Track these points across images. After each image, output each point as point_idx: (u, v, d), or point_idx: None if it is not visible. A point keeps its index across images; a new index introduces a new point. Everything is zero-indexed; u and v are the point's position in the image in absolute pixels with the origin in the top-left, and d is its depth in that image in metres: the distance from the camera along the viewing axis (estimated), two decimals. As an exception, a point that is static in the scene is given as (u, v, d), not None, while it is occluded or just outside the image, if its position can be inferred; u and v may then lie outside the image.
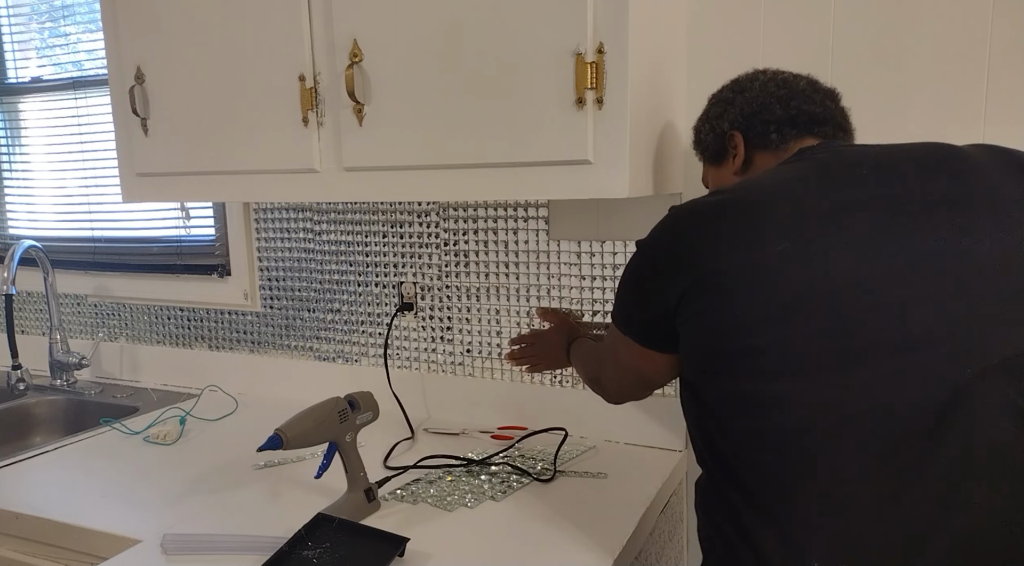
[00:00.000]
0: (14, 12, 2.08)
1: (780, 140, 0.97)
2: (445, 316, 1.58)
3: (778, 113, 0.97)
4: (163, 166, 1.42)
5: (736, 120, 1.01)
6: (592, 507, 1.15)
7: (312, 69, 1.23)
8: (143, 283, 1.95)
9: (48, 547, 1.20)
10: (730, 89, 1.05)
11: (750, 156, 1.00)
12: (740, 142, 1.01)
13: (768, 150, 0.98)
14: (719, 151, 1.05)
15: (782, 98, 0.98)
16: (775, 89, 0.99)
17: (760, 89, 1.00)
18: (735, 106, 1.02)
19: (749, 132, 1.00)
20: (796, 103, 0.97)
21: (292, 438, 1.04)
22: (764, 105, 0.99)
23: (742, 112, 1.00)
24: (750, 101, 1.00)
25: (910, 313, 0.73)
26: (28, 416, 1.86)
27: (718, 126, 1.04)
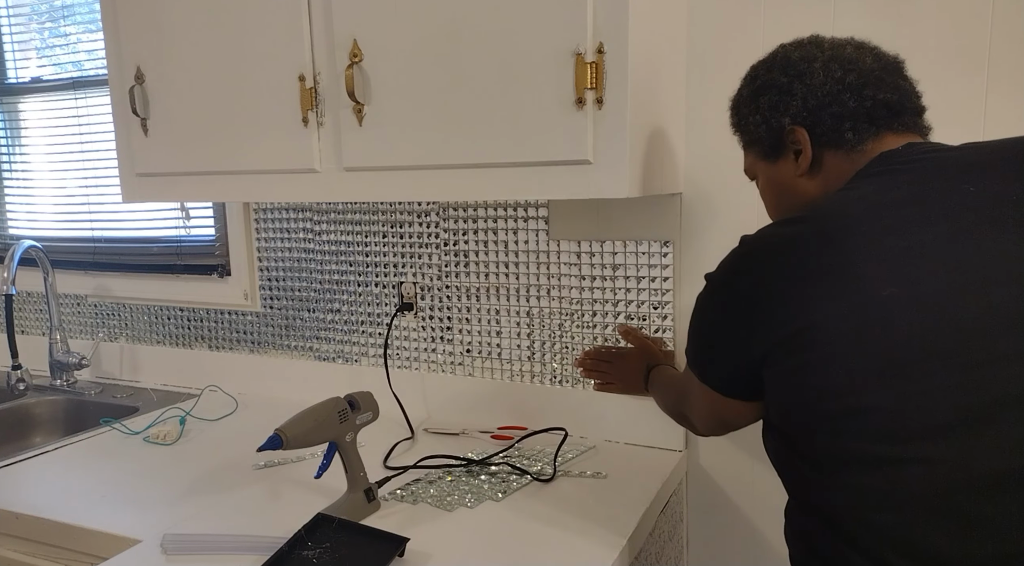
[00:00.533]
0: (14, 12, 2.08)
1: (856, 139, 0.83)
2: (445, 316, 1.58)
3: (851, 106, 0.83)
4: (163, 166, 1.42)
5: (799, 114, 0.86)
6: (592, 507, 1.15)
7: (312, 69, 1.23)
8: (143, 283, 1.95)
9: (48, 547, 1.20)
10: (781, 70, 0.88)
11: (819, 155, 0.86)
12: (806, 141, 0.86)
13: (841, 150, 0.84)
14: (775, 146, 0.90)
15: (853, 86, 0.83)
16: (841, 73, 0.84)
17: (824, 73, 0.84)
18: (795, 96, 0.86)
19: (817, 128, 0.85)
20: (871, 91, 0.83)
21: (292, 438, 1.04)
22: (833, 96, 0.84)
23: (806, 104, 0.85)
24: (814, 90, 0.85)
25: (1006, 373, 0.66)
26: (28, 416, 1.86)
27: (774, 119, 0.88)
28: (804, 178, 0.88)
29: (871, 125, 0.83)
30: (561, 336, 1.47)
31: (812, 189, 0.87)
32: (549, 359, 1.49)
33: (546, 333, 1.49)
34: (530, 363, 1.51)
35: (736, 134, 0.97)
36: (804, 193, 0.88)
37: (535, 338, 1.50)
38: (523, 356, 1.52)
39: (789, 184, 0.89)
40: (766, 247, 0.77)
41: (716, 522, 1.41)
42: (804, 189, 0.88)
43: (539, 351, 1.50)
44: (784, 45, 0.91)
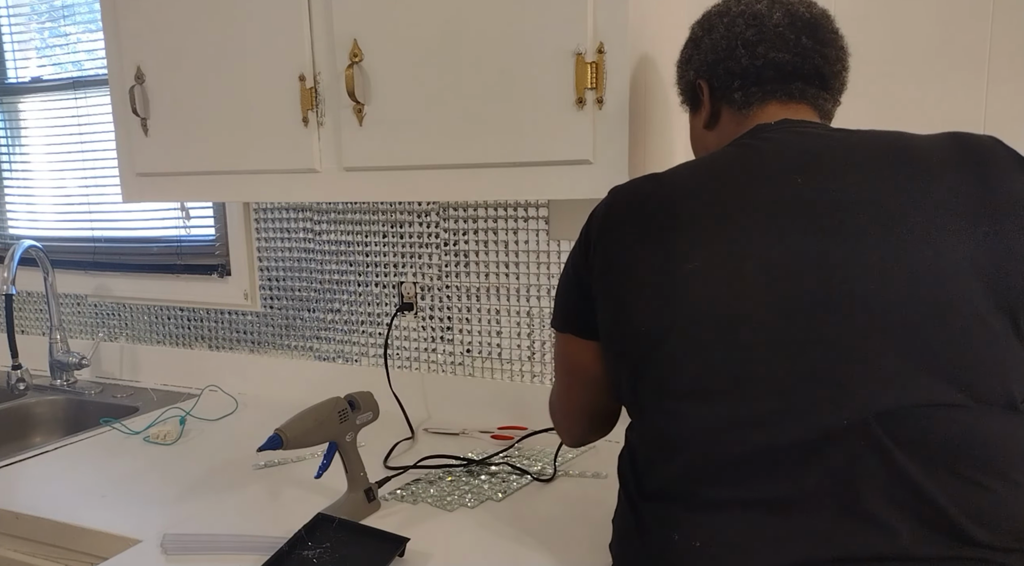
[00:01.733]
0: (14, 12, 2.08)
1: (744, 101, 0.86)
2: (445, 316, 1.58)
3: (743, 62, 0.85)
4: (163, 166, 1.42)
5: (701, 67, 0.90)
6: (592, 507, 1.15)
7: (312, 69, 1.23)
8: (143, 283, 1.95)
9: (48, 547, 1.20)
10: (700, 24, 0.92)
11: (716, 109, 0.90)
12: (706, 94, 0.90)
13: (732, 108, 0.88)
14: (692, 99, 0.95)
15: (748, 42, 0.85)
16: (743, 28, 0.85)
17: (726, 28, 0.87)
18: (701, 50, 0.90)
19: (714, 82, 0.89)
20: (764, 49, 0.84)
21: (292, 438, 1.04)
22: (729, 51, 0.86)
23: (706, 59, 0.89)
24: (715, 44, 0.88)
25: (801, 353, 0.69)
26: (28, 416, 1.86)
27: (687, 72, 0.93)
28: (706, 131, 0.92)
29: (759, 88, 0.85)
30: (561, 336, 1.47)
31: (711, 142, 0.91)
32: (549, 359, 1.49)
33: (546, 333, 1.49)
34: (530, 363, 1.51)
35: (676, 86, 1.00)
36: (706, 145, 0.92)
37: (535, 338, 1.50)
38: (523, 356, 1.52)
39: (698, 136, 0.95)
40: (616, 198, 0.82)
41: (716, 522, 1.41)
42: (706, 141, 0.92)
43: (539, 351, 1.50)
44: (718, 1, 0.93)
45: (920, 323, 0.68)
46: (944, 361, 0.68)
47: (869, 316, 0.69)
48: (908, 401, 0.67)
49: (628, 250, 0.78)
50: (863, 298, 0.69)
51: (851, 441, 0.67)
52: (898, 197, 0.71)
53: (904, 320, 0.68)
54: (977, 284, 0.68)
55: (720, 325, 0.72)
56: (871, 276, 0.69)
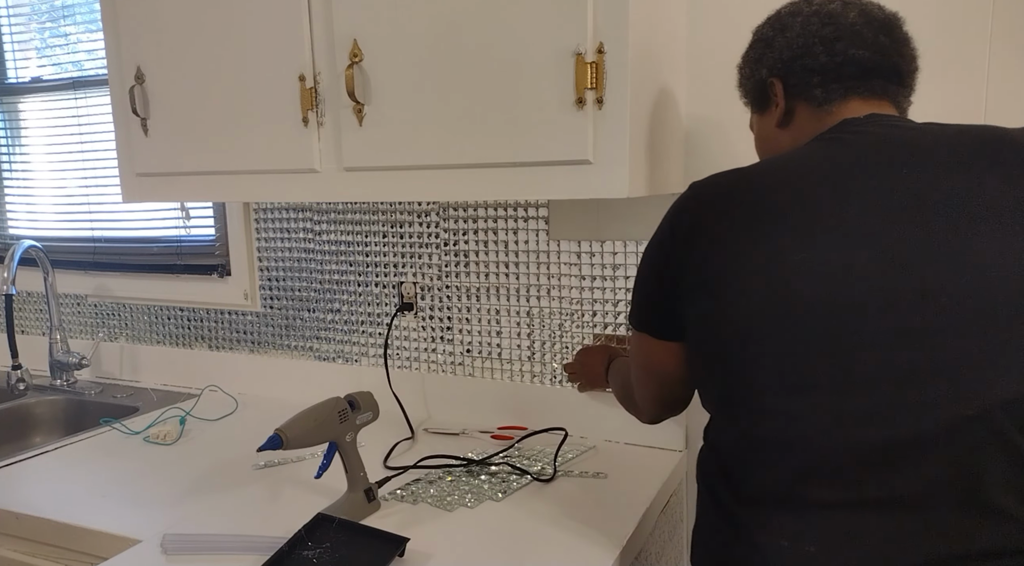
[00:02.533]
0: (14, 12, 2.08)
1: (824, 97, 0.86)
2: (445, 316, 1.58)
3: (822, 59, 0.85)
4: (163, 166, 1.42)
5: (775, 66, 0.90)
6: (592, 507, 1.15)
7: (312, 69, 1.23)
8: (143, 283, 1.95)
9: (48, 547, 1.20)
10: (770, 25, 0.92)
11: (791, 107, 0.89)
12: (780, 92, 0.90)
13: (811, 105, 0.87)
14: (761, 98, 0.94)
15: (826, 39, 0.85)
16: (818, 27, 0.86)
17: (802, 27, 0.87)
18: (774, 48, 0.90)
19: (789, 79, 0.88)
20: (843, 46, 0.84)
21: (292, 438, 1.04)
22: (805, 48, 0.86)
23: (781, 56, 0.89)
24: (790, 42, 0.88)
25: (917, 345, 0.69)
26: (28, 416, 1.86)
27: (757, 71, 0.93)
28: (779, 130, 0.91)
29: (839, 85, 0.85)
30: (561, 336, 1.47)
31: (785, 141, 0.90)
32: (549, 359, 1.49)
33: (546, 333, 1.49)
34: (530, 363, 1.51)
35: (740, 94, 1.00)
36: (779, 145, 0.91)
37: (535, 338, 1.50)
38: (523, 356, 1.52)
39: (769, 135, 0.94)
40: (701, 193, 0.81)
41: (716, 522, 1.41)
42: (779, 141, 0.91)
43: (539, 351, 1.50)
44: (786, 3, 0.93)
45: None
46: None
47: (982, 307, 0.68)
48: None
49: (726, 245, 0.76)
50: (976, 289, 0.69)
51: (974, 432, 0.67)
52: (1004, 191, 0.71)
53: (1017, 310, 0.68)
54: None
55: (830, 317, 0.70)
56: (983, 267, 0.69)
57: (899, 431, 0.69)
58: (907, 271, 0.70)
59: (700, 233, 0.79)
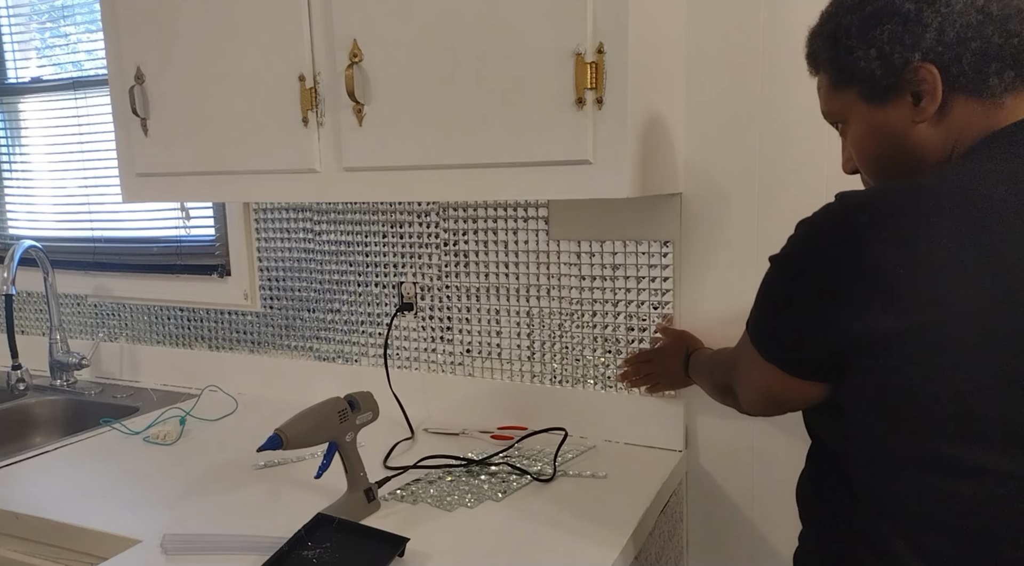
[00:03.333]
0: (14, 12, 2.08)
1: (1000, 88, 0.70)
2: (445, 316, 1.58)
3: (996, 42, 0.69)
4: (163, 166, 1.42)
5: (932, 49, 0.71)
6: (592, 507, 1.15)
7: (312, 69, 1.23)
8: (143, 283, 1.95)
9: (48, 547, 1.20)
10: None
11: (947, 100, 0.72)
12: (937, 81, 0.72)
13: (978, 98, 0.71)
14: (888, 87, 0.75)
15: (997, 18, 0.69)
16: (983, 1, 0.70)
17: (963, 3, 0.70)
18: (928, 27, 0.71)
19: (953, 67, 0.71)
20: (1016, 26, 0.69)
21: (292, 438, 1.04)
22: (976, 28, 0.69)
23: (941, 37, 0.70)
24: (952, 20, 0.70)
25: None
26: (28, 416, 1.86)
27: (897, 54, 0.73)
28: (925, 125, 0.74)
29: (1016, 73, 0.70)
30: (561, 336, 1.47)
31: (932, 140, 0.74)
32: (549, 359, 1.49)
33: (546, 333, 1.49)
34: (530, 363, 1.51)
35: (821, 71, 0.83)
36: (921, 144, 0.75)
37: (535, 338, 1.50)
38: (523, 356, 1.52)
39: (901, 132, 0.76)
40: (888, 211, 0.64)
41: (716, 522, 1.41)
42: (921, 139, 0.75)
43: (539, 351, 1.50)
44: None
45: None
46: None
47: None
48: None
49: (941, 280, 0.62)
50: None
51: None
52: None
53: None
54: None
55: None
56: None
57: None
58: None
59: (906, 260, 0.63)
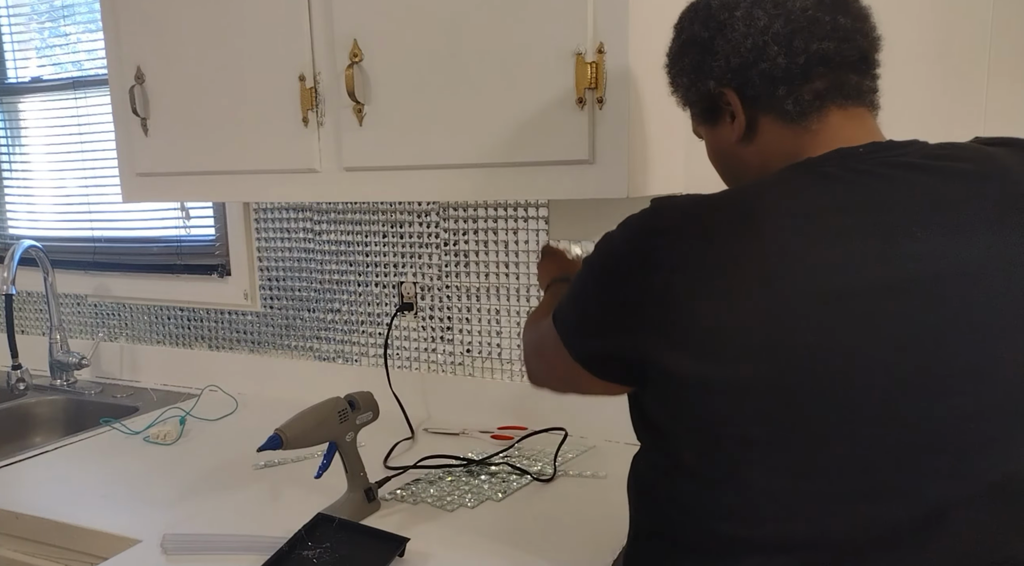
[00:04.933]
0: (14, 12, 2.08)
1: (798, 111, 0.72)
2: (445, 316, 1.58)
3: (781, 62, 0.71)
4: (163, 166, 1.42)
5: (723, 76, 0.75)
6: (592, 507, 1.15)
7: (312, 69, 1.23)
8: (143, 283, 1.95)
9: (48, 547, 1.19)
10: (703, 23, 0.76)
11: (753, 120, 0.75)
12: (737, 104, 0.76)
13: (781, 118, 0.74)
14: (710, 110, 0.79)
15: (780, 35, 0.71)
16: (766, 20, 0.71)
17: (746, 24, 0.72)
18: (716, 54, 0.74)
19: (747, 90, 0.74)
20: (802, 42, 0.71)
21: (292, 438, 1.04)
22: (758, 50, 0.72)
23: (729, 63, 0.74)
24: (736, 46, 0.73)
25: (928, 426, 0.63)
26: (28, 416, 1.86)
27: (700, 82, 0.78)
28: (741, 145, 0.78)
29: (811, 93, 0.72)
30: (561, 336, 1.47)
31: (751, 158, 0.78)
32: (549, 359, 1.49)
33: (546, 333, 1.49)
34: (530, 363, 1.51)
35: (673, 94, 0.86)
36: (743, 163, 0.79)
37: (535, 338, 1.50)
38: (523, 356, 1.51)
39: (730, 151, 0.80)
40: (675, 227, 0.67)
41: (716, 522, 1.41)
42: (745, 158, 0.79)
43: (539, 351, 1.50)
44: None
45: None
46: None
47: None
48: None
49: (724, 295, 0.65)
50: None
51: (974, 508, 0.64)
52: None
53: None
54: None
55: (832, 400, 0.63)
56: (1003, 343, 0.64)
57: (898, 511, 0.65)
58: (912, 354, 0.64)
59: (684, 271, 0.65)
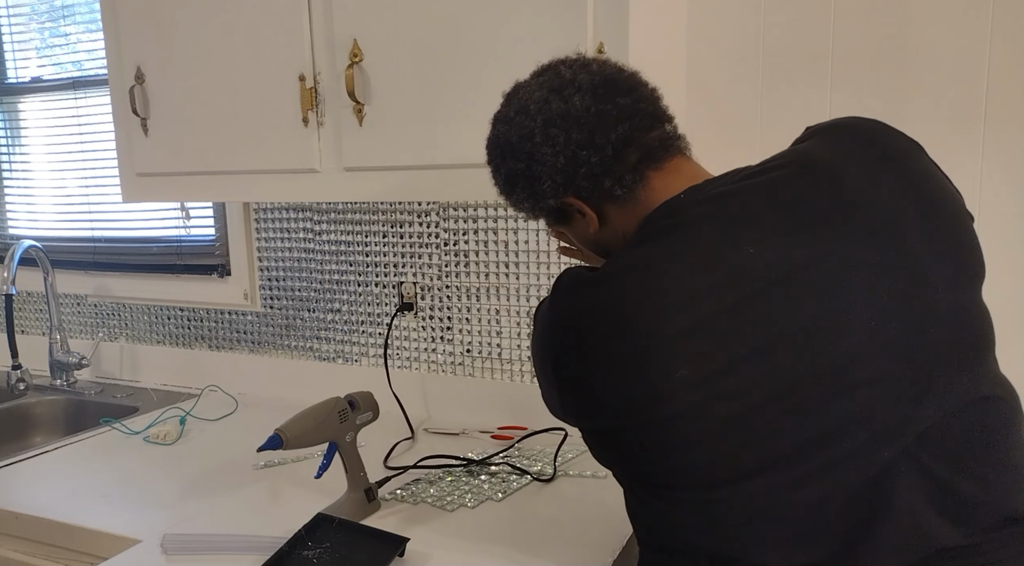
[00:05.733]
0: (14, 12, 2.08)
1: (626, 193, 0.80)
2: (445, 316, 1.58)
3: (595, 161, 0.79)
4: (163, 166, 1.42)
5: (556, 190, 0.82)
6: (592, 507, 1.15)
7: (312, 69, 1.23)
8: (143, 283, 1.95)
9: (48, 547, 1.20)
10: (514, 157, 0.83)
11: (601, 210, 0.83)
12: (582, 204, 0.83)
13: (617, 203, 0.82)
14: (561, 217, 0.87)
15: (582, 142, 0.78)
16: (564, 135, 0.79)
17: (550, 146, 0.79)
18: (541, 180, 0.81)
19: (582, 193, 0.82)
20: (601, 136, 0.78)
21: (292, 438, 1.04)
22: (572, 160, 0.79)
23: (555, 181, 0.81)
24: (553, 165, 0.80)
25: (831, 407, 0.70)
26: (28, 416, 1.86)
27: (540, 204, 0.85)
28: (601, 231, 0.85)
29: (631, 172, 0.80)
30: (561, 336, 1.47)
31: (611, 238, 0.86)
32: (549, 359, 1.49)
33: (546, 333, 1.49)
34: (530, 363, 1.51)
35: (521, 210, 0.90)
36: (607, 242, 0.87)
37: (535, 338, 1.50)
38: (523, 356, 1.51)
39: (592, 238, 0.88)
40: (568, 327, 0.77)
41: (716, 522, 1.41)
42: (606, 239, 0.86)
43: (539, 351, 1.50)
44: (496, 120, 0.86)
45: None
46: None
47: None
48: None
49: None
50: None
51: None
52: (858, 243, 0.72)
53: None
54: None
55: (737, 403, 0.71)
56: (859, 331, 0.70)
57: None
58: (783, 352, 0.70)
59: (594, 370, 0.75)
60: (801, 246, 0.71)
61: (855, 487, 0.70)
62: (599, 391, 0.74)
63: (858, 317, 0.69)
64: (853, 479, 0.70)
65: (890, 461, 0.70)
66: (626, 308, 0.73)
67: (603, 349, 0.73)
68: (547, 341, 0.80)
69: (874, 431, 0.69)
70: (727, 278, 0.71)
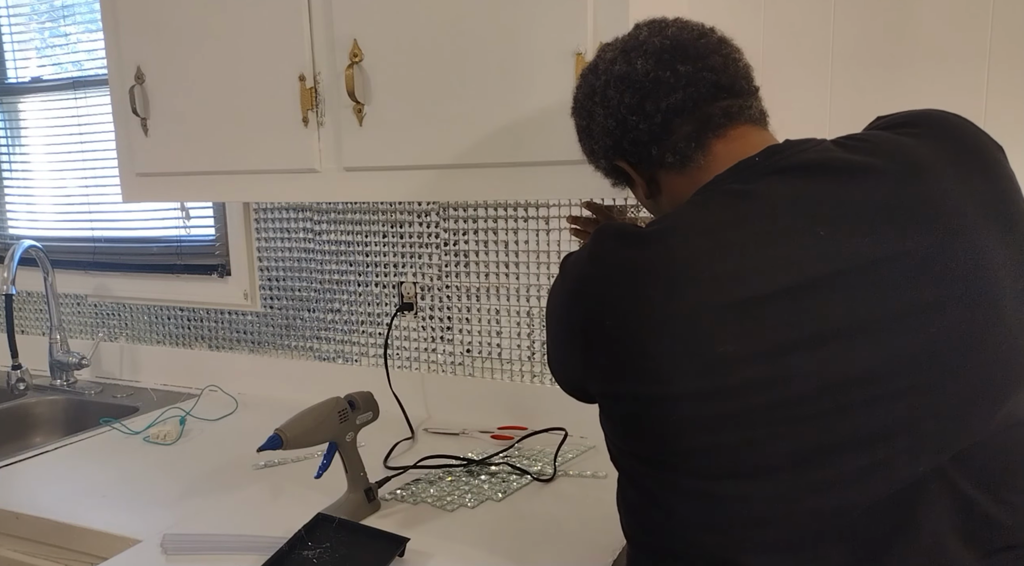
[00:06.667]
0: (14, 12, 2.08)
1: (681, 159, 0.78)
2: (445, 316, 1.58)
3: (642, 128, 0.78)
4: (163, 166, 1.42)
5: (608, 151, 0.83)
6: (592, 507, 1.15)
7: (312, 69, 1.23)
8: (143, 283, 1.95)
9: (48, 547, 1.20)
10: (579, 113, 0.86)
11: (652, 177, 0.82)
12: (631, 169, 0.83)
13: (672, 170, 0.79)
14: (621, 178, 0.88)
15: (632, 107, 0.78)
16: (618, 97, 0.78)
17: (604, 108, 0.80)
18: (595, 138, 0.83)
19: (630, 157, 0.82)
20: (652, 103, 0.77)
21: (292, 438, 1.04)
22: (621, 127, 0.79)
23: (605, 143, 0.82)
24: (605, 127, 0.81)
25: (875, 412, 0.66)
26: (28, 416, 1.86)
27: (596, 162, 0.87)
28: (653, 200, 0.85)
29: (688, 140, 0.77)
30: (561, 336, 1.47)
31: (667, 206, 0.84)
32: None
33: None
34: (530, 363, 1.51)
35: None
36: (664, 210, 0.85)
37: (535, 338, 1.50)
38: (523, 356, 1.52)
39: (648, 204, 0.88)
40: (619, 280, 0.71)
41: (716, 522, 1.41)
42: (662, 206, 0.85)
43: (539, 351, 1.50)
44: (581, 75, 0.86)
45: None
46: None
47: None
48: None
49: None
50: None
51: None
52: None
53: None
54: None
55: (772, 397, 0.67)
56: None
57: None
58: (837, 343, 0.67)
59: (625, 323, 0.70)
60: (880, 241, 0.67)
61: (880, 499, 0.67)
62: (636, 354, 0.68)
63: (919, 323, 0.66)
64: (880, 490, 0.67)
65: (923, 477, 0.67)
66: (678, 268, 0.68)
67: (647, 309, 0.68)
68: (580, 293, 0.74)
69: (913, 443, 0.66)
70: (790, 257, 0.67)
